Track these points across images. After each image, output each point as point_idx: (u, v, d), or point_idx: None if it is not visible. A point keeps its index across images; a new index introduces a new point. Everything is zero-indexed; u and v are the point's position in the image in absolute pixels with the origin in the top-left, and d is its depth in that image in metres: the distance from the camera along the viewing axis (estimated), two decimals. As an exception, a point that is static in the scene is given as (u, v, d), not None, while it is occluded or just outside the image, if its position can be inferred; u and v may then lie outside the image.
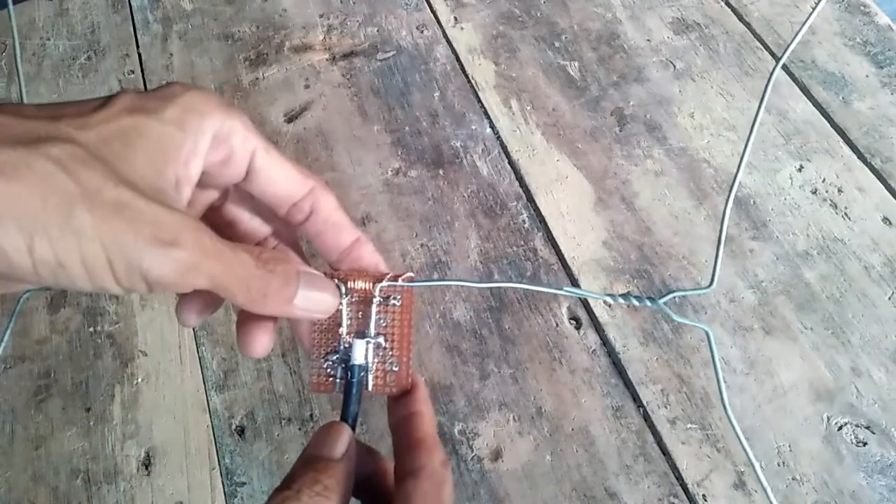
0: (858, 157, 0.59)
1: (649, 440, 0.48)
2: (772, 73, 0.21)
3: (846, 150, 0.60)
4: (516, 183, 0.59)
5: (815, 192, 0.57)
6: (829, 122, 0.61)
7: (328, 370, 0.30)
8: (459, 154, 0.61)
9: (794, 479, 0.46)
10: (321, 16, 0.72)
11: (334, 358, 0.30)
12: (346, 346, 0.30)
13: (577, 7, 0.71)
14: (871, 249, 0.54)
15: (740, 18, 0.69)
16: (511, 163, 0.61)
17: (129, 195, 0.22)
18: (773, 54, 0.66)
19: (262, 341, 0.30)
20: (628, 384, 0.50)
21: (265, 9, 0.73)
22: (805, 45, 0.66)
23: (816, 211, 0.57)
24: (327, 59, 0.69)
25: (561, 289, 0.28)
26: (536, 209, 0.58)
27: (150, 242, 0.22)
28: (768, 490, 0.25)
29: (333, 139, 0.63)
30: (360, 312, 0.30)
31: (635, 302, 0.27)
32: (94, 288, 0.22)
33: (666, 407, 0.49)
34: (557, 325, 0.52)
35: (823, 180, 0.58)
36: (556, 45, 0.68)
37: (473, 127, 0.63)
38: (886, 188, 0.57)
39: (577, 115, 0.63)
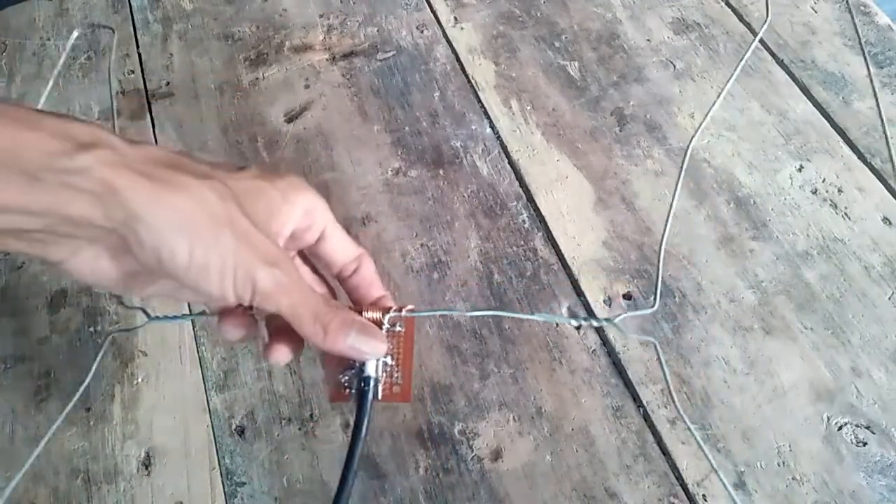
0: (858, 157, 0.59)
1: (649, 440, 0.48)
2: (750, 46, 0.22)
3: (846, 150, 0.60)
4: (516, 183, 0.59)
5: (815, 192, 0.58)
6: (829, 122, 0.61)
7: (345, 383, 0.36)
8: (459, 154, 0.61)
9: (794, 479, 0.46)
10: (321, 16, 0.72)
11: (350, 373, 0.36)
12: (360, 363, 0.36)
13: (577, 7, 0.71)
14: (871, 249, 0.54)
15: (740, 18, 0.69)
16: (511, 163, 0.61)
17: (252, 228, 0.30)
18: (773, 54, 0.66)
19: (286, 356, 0.36)
20: (628, 384, 0.50)
21: (265, 9, 0.73)
22: (805, 45, 0.66)
23: (816, 211, 0.57)
24: (327, 59, 0.69)
25: (532, 314, 0.36)
26: (536, 209, 0.58)
27: (263, 262, 0.30)
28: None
29: (333, 139, 0.63)
30: None
31: (594, 322, 0.34)
32: (218, 291, 0.30)
33: (666, 407, 0.49)
34: (557, 325, 0.52)
35: (823, 180, 0.58)
36: (556, 45, 0.68)
37: (473, 127, 0.63)
38: (886, 188, 0.57)
39: (577, 115, 0.63)
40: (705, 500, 0.45)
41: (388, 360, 0.36)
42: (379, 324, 0.37)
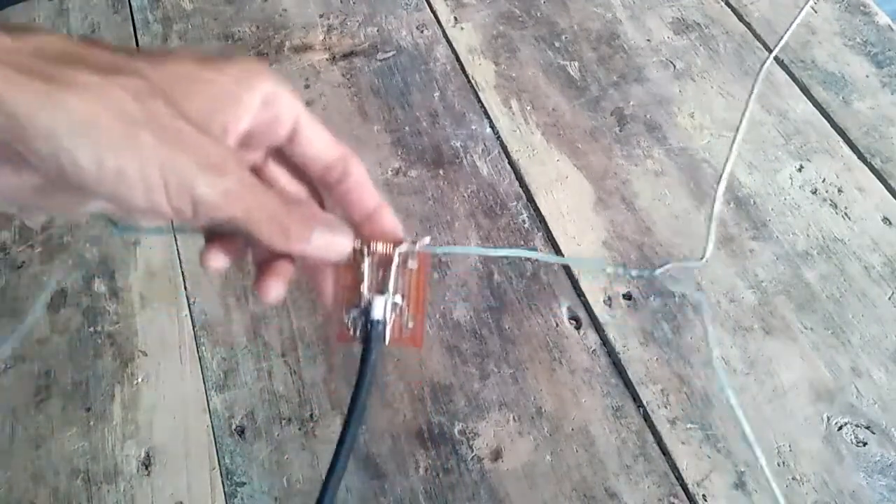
0: (858, 157, 0.59)
1: (649, 440, 0.48)
2: (763, 64, 0.21)
3: (846, 150, 0.60)
4: (516, 183, 0.59)
5: (815, 192, 0.58)
6: (829, 122, 0.61)
7: (349, 323, 0.33)
8: (459, 154, 0.61)
9: (794, 479, 0.46)
10: (321, 16, 0.72)
11: (356, 312, 0.32)
12: (367, 302, 0.32)
13: (577, 7, 0.71)
14: (871, 249, 0.54)
15: (740, 18, 0.69)
16: (511, 163, 0.61)
17: (186, 127, 0.25)
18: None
19: (277, 288, 0.31)
20: (628, 384, 0.50)
21: (265, 9, 0.73)
22: (805, 45, 0.66)
23: (816, 211, 0.57)
24: (327, 59, 0.69)
25: (567, 259, 0.29)
26: (536, 209, 0.58)
27: (203, 168, 0.25)
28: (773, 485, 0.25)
29: (333, 139, 0.63)
30: (381, 273, 0.33)
31: (633, 273, 0.29)
32: (147, 204, 0.25)
33: (666, 407, 0.49)
34: (557, 325, 0.52)
35: (823, 180, 0.58)
36: (556, 45, 0.68)
37: (473, 127, 0.63)
38: (886, 188, 0.57)
39: (577, 115, 0.63)
40: (705, 500, 0.45)
41: (398, 299, 0.33)
42: (389, 260, 0.33)
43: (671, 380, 0.50)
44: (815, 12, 0.69)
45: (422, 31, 0.70)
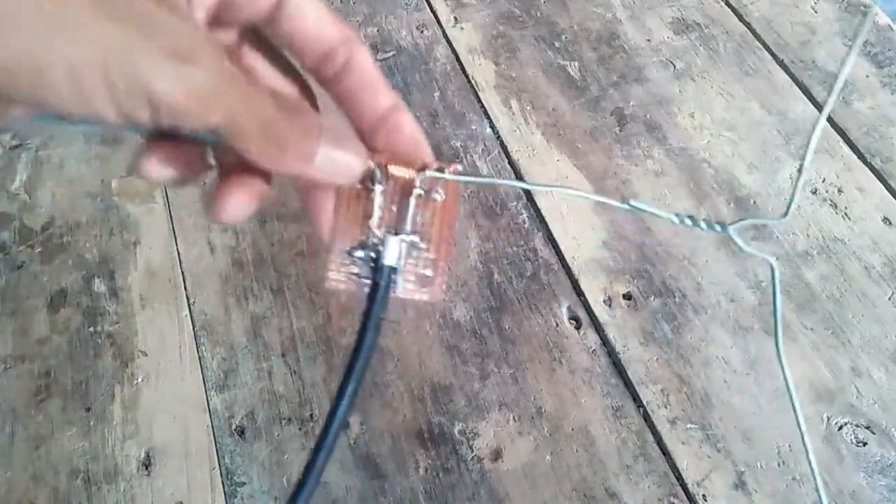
0: (858, 157, 0.59)
1: (649, 440, 0.48)
2: (817, 125, 0.20)
3: (846, 150, 0.59)
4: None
5: (815, 192, 0.58)
6: (829, 122, 0.61)
7: (352, 267, 0.26)
8: (459, 154, 0.61)
9: (794, 479, 0.46)
10: (321, 16, 0.72)
11: (360, 254, 0.26)
12: (376, 241, 0.25)
13: (577, 7, 0.71)
14: (871, 249, 0.54)
15: (740, 18, 0.69)
16: (511, 163, 0.61)
17: (139, 1, 0.18)
18: (772, 54, 0.66)
19: (242, 205, 0.23)
20: (628, 384, 0.50)
21: (265, 9, 0.73)
22: (805, 45, 0.66)
23: (816, 211, 0.57)
24: (327, 59, 0.69)
25: (627, 202, 0.24)
26: (536, 209, 0.58)
27: (164, 56, 0.18)
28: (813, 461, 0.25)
29: (333, 139, 0.63)
30: (395, 205, 0.26)
31: (703, 226, 0.24)
32: (79, 107, 0.18)
33: (666, 407, 0.49)
34: (557, 325, 0.52)
35: (823, 180, 0.58)
36: (556, 45, 0.68)
37: (473, 127, 0.63)
38: (886, 188, 0.57)
39: (577, 115, 0.63)
40: (705, 500, 0.45)
41: (416, 239, 0.26)
42: (410, 186, 0.25)
43: (671, 380, 0.50)
44: (815, 12, 0.69)
45: (422, 31, 0.70)
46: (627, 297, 0.53)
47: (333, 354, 0.52)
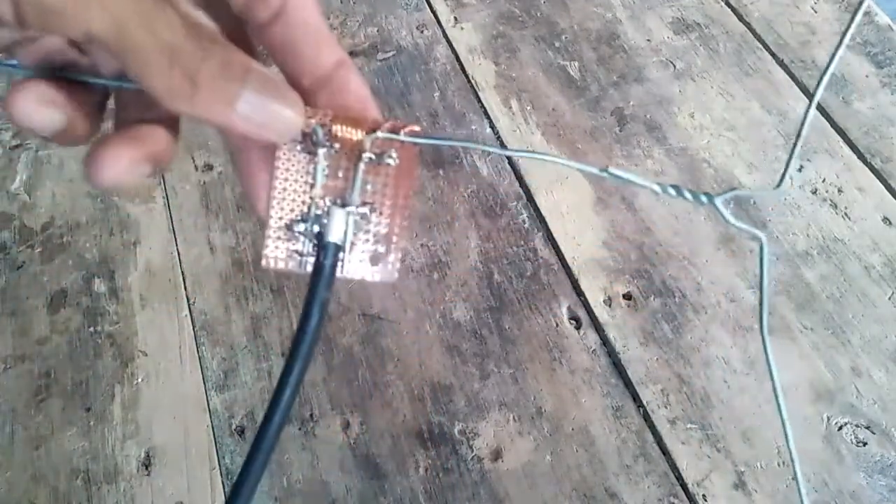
0: (858, 157, 0.59)
1: (649, 440, 0.48)
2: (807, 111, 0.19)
3: (846, 150, 0.60)
4: (516, 183, 0.59)
5: (815, 192, 0.58)
6: (829, 122, 0.61)
7: (291, 243, 0.22)
8: (459, 154, 0.61)
9: (794, 478, 0.46)
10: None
11: (302, 228, 0.22)
12: (319, 213, 0.22)
13: (577, 7, 0.71)
14: (871, 249, 0.54)
15: (740, 18, 0.69)
16: (511, 163, 0.61)
17: None
18: (772, 54, 0.66)
19: (126, 158, 0.19)
20: (628, 384, 0.50)
21: (265, 9, 0.73)
22: (805, 45, 0.66)
23: (816, 211, 0.57)
24: (327, 59, 0.69)
25: (605, 170, 0.21)
26: (536, 209, 0.58)
27: None
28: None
29: (333, 139, 0.63)
30: (342, 171, 0.22)
31: (688, 196, 0.21)
32: None
33: (666, 407, 0.49)
34: (557, 325, 0.52)
35: (823, 180, 0.58)
36: (556, 45, 0.68)
37: (473, 127, 0.63)
38: (886, 188, 0.57)
39: (577, 115, 0.63)
40: (705, 500, 0.45)
41: (366, 210, 0.22)
42: (358, 149, 0.22)
43: (671, 380, 0.50)
44: (815, 12, 0.69)
45: (422, 31, 0.70)
46: (627, 297, 0.53)
47: (333, 355, 0.52)
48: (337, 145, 0.22)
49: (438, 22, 0.71)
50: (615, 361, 0.51)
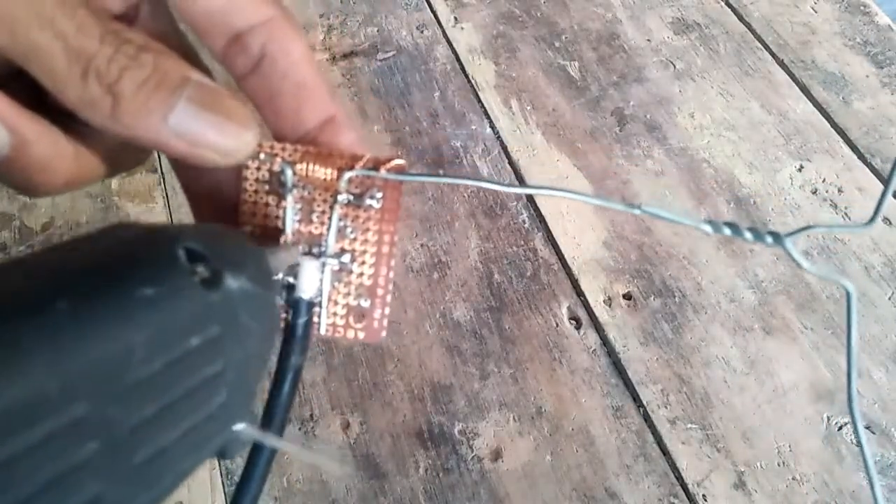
0: (858, 157, 0.59)
1: (649, 440, 0.48)
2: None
3: (846, 150, 0.60)
4: (516, 183, 0.59)
5: (815, 192, 0.58)
6: (829, 122, 0.61)
7: None
8: (459, 154, 0.61)
9: (794, 479, 0.46)
10: (321, 16, 0.72)
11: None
12: (293, 266, 0.19)
13: (577, 7, 0.71)
14: (871, 249, 0.54)
15: (740, 18, 0.69)
16: (511, 163, 0.61)
17: None
18: (773, 54, 0.66)
19: (63, 171, 0.16)
20: (628, 384, 0.50)
21: (265, 9, 0.73)
22: (805, 45, 0.66)
23: (816, 211, 0.57)
24: (327, 60, 0.69)
25: (638, 206, 0.19)
26: (536, 209, 0.58)
27: None
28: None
29: (333, 139, 0.63)
30: (316, 214, 0.19)
31: (749, 237, 0.18)
32: None
33: (666, 407, 0.49)
34: (557, 325, 0.52)
35: (823, 180, 0.58)
36: (556, 45, 0.68)
37: (473, 127, 0.63)
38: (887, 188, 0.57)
39: (577, 115, 0.63)
40: (705, 500, 0.45)
41: (346, 259, 0.19)
42: (330, 189, 0.19)
43: (671, 380, 0.50)
44: (815, 12, 0.69)
45: (422, 31, 0.70)
46: (627, 297, 0.53)
47: (333, 355, 0.52)
48: (309, 188, 0.19)
49: (438, 22, 0.71)
50: (615, 361, 0.51)
